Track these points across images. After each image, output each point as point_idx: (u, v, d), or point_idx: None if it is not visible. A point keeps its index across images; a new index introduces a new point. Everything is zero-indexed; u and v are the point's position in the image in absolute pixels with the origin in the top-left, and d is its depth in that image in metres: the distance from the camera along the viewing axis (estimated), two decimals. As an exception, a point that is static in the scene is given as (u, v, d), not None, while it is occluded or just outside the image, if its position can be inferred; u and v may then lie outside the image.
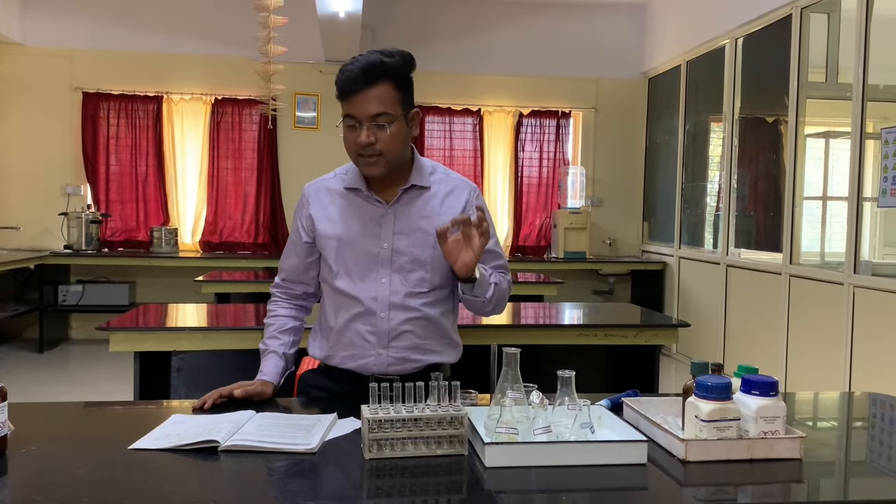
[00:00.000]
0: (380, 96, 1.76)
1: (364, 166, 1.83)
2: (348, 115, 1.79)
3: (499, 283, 1.92)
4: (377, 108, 1.76)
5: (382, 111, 1.77)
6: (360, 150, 1.80)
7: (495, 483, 1.32)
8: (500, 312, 2.01)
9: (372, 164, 1.82)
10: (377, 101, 1.76)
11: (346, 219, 1.91)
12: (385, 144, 1.79)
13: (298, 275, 2.01)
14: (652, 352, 3.14)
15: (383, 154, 1.80)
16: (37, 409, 1.87)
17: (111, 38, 6.77)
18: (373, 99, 1.76)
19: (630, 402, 1.65)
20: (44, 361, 6.09)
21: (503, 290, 1.95)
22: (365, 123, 1.77)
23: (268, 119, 6.41)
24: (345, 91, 1.78)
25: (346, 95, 1.78)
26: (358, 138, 1.78)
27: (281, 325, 2.00)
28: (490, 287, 1.88)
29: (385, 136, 1.78)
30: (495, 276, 1.93)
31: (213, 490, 1.30)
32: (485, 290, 1.86)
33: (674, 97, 6.72)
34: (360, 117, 1.77)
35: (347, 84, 1.77)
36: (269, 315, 2.03)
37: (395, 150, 1.82)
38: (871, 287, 4.08)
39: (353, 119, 1.79)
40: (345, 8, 5.68)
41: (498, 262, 1.99)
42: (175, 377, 3.00)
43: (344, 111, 1.80)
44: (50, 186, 6.77)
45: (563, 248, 6.97)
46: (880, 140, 4.05)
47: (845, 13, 4.59)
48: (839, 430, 1.86)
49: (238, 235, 6.99)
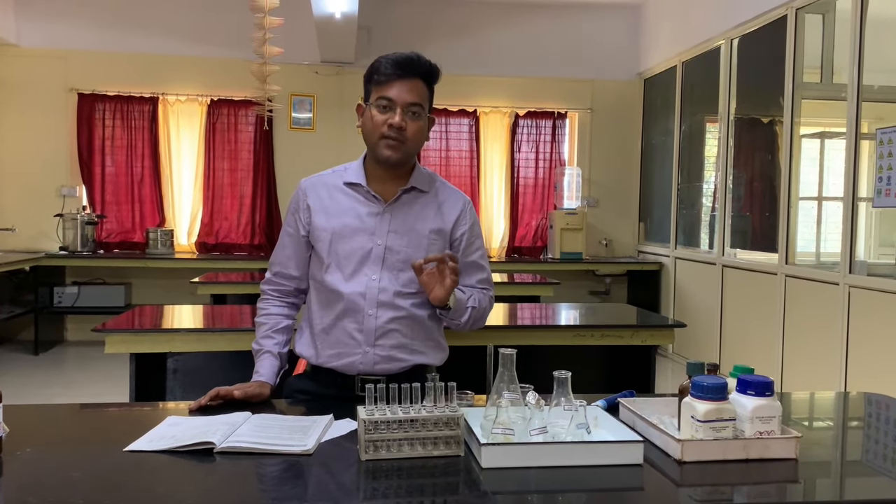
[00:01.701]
0: (417, 89, 1.87)
1: (385, 149, 1.87)
2: (383, 97, 1.85)
3: (476, 306, 1.97)
4: (415, 97, 1.86)
5: (418, 101, 1.86)
6: (387, 132, 1.84)
7: (492, 484, 1.32)
8: (479, 328, 2.05)
9: (394, 146, 1.86)
10: (415, 92, 1.86)
11: (342, 212, 1.92)
12: (412, 133, 1.87)
13: (292, 269, 2.01)
14: (648, 352, 3.14)
15: (406, 142, 1.86)
16: (32, 411, 1.87)
17: (106, 40, 6.76)
18: (412, 88, 1.86)
19: (626, 403, 1.65)
20: (39, 363, 6.07)
21: (482, 310, 2.00)
22: (401, 108, 1.84)
23: (263, 120, 6.40)
24: (388, 74, 1.84)
25: (388, 78, 1.84)
26: (391, 119, 1.84)
27: (274, 324, 2.00)
28: (466, 311, 1.94)
29: (414, 126, 1.87)
30: (473, 299, 1.96)
31: (209, 492, 1.30)
32: (460, 315, 1.93)
33: (669, 98, 6.73)
34: (398, 101, 1.84)
35: (393, 67, 1.84)
36: (261, 314, 2.03)
37: (416, 143, 1.89)
38: (866, 287, 4.09)
39: (388, 101, 1.84)
40: (341, 9, 5.67)
41: (481, 276, 2.03)
42: (171, 379, 3.00)
43: (377, 94, 1.86)
44: (45, 188, 6.75)
45: (560, 249, 6.98)
46: (875, 140, 4.06)
47: (840, 14, 4.60)
48: (835, 429, 1.86)
49: (234, 237, 6.98)
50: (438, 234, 1.94)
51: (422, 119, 1.88)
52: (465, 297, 1.94)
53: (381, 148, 1.87)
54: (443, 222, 1.96)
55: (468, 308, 1.94)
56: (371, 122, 1.87)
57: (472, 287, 2.01)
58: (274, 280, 2.04)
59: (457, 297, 1.89)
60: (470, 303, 1.94)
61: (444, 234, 1.95)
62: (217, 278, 4.87)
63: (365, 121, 1.90)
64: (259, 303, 2.07)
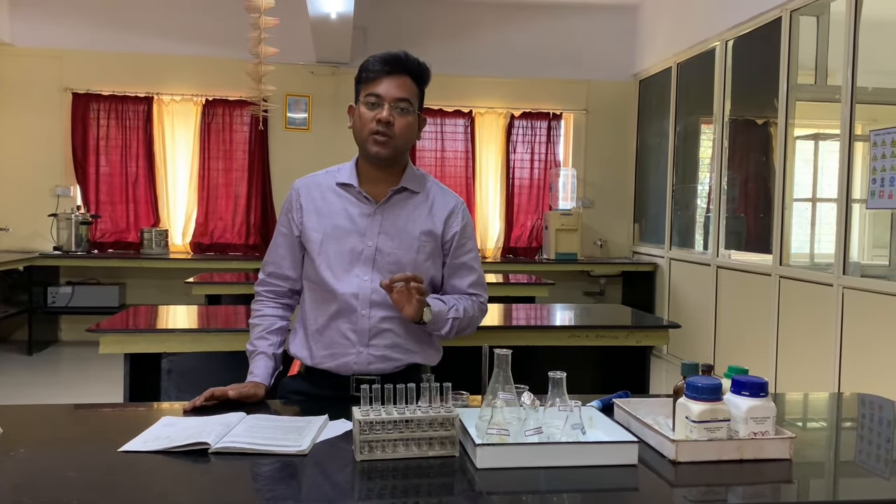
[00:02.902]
0: (406, 85, 1.88)
1: (373, 145, 1.87)
2: (371, 94, 1.86)
3: (460, 316, 1.92)
4: (402, 93, 1.86)
5: (406, 97, 1.87)
6: (376, 127, 1.85)
7: (487, 484, 1.32)
8: (469, 334, 2.02)
9: (383, 143, 1.86)
10: (403, 87, 1.87)
11: (333, 213, 1.92)
12: (400, 129, 1.87)
13: (286, 269, 2.00)
14: (643, 353, 3.15)
15: (395, 138, 1.87)
16: (26, 411, 1.86)
17: (101, 39, 6.74)
18: (400, 85, 1.87)
19: (621, 403, 1.66)
20: (33, 363, 6.05)
21: (468, 319, 1.96)
22: (388, 103, 1.85)
23: (259, 120, 6.40)
24: (374, 71, 1.86)
25: (375, 76, 1.86)
26: (379, 114, 1.84)
27: (269, 325, 1.99)
28: (447, 322, 1.90)
29: (402, 121, 1.87)
30: (455, 309, 1.92)
31: (204, 492, 1.29)
32: (440, 327, 1.90)
33: (664, 99, 6.74)
34: (386, 97, 1.85)
35: (380, 64, 1.86)
36: (256, 315, 2.02)
37: (405, 139, 1.89)
38: (859, 288, 4.10)
39: (376, 97, 1.86)
40: (336, 9, 5.67)
41: (472, 279, 2.00)
42: (165, 379, 2.99)
43: (366, 91, 1.87)
44: (39, 187, 6.73)
45: (555, 250, 6.99)
46: (869, 142, 4.07)
47: (834, 16, 4.62)
48: (828, 430, 1.87)
49: (229, 237, 6.97)
50: (429, 235, 1.93)
51: (410, 115, 1.88)
52: (446, 307, 1.90)
53: (370, 144, 1.87)
54: (433, 224, 1.94)
55: (449, 319, 1.90)
56: (360, 119, 1.88)
57: (462, 293, 1.98)
58: (268, 281, 2.03)
59: (434, 311, 1.85)
60: (451, 314, 1.90)
61: (434, 235, 1.94)
62: (212, 279, 4.87)
63: (355, 120, 1.91)
64: (253, 304, 2.06)
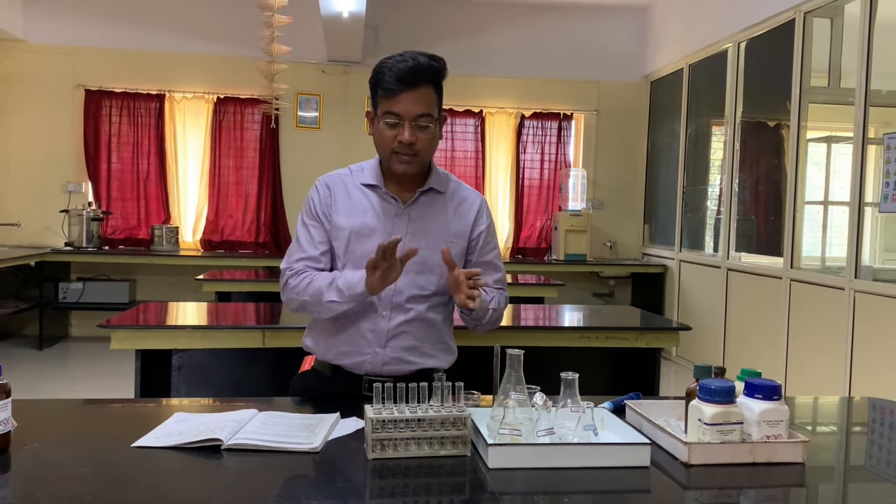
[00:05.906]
0: (424, 98, 1.79)
1: (398, 164, 1.83)
2: (390, 112, 1.79)
3: (497, 308, 1.94)
4: (422, 108, 1.79)
5: (426, 112, 1.80)
6: (398, 148, 1.80)
7: (498, 484, 1.32)
8: (492, 328, 2.01)
9: (407, 161, 1.82)
10: (422, 102, 1.79)
11: (361, 212, 1.89)
12: (423, 145, 1.82)
13: (316, 253, 1.89)
14: (652, 355, 3.14)
15: (419, 154, 1.82)
16: (38, 406, 1.87)
17: (114, 36, 6.77)
18: (419, 99, 1.78)
19: (633, 405, 1.65)
20: (43, 358, 6.08)
21: (500, 312, 1.99)
22: (409, 122, 1.78)
23: (270, 118, 6.41)
24: (392, 89, 1.77)
25: (392, 93, 1.77)
26: (400, 136, 1.79)
27: (326, 275, 1.87)
28: (487, 313, 1.91)
29: (425, 136, 1.82)
30: (495, 301, 1.94)
31: (216, 489, 1.30)
32: (481, 317, 1.90)
33: (675, 100, 6.72)
34: (405, 116, 1.78)
35: (396, 82, 1.77)
36: (305, 277, 1.85)
37: (430, 152, 1.86)
38: (871, 292, 4.08)
39: (395, 116, 1.78)
40: (348, 8, 5.68)
41: (497, 276, 2.00)
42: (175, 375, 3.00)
43: (384, 108, 1.80)
44: (51, 183, 6.76)
45: (564, 251, 6.98)
46: (882, 145, 4.05)
47: (848, 18, 4.60)
48: (839, 434, 1.86)
49: (239, 234, 6.98)
50: (458, 236, 1.93)
51: (432, 127, 1.82)
52: (489, 298, 1.91)
53: (394, 163, 1.84)
54: (461, 223, 1.93)
55: (489, 310, 1.91)
56: (380, 136, 1.83)
57: (490, 287, 1.98)
58: (295, 266, 1.90)
59: (482, 300, 1.81)
60: (492, 304, 1.92)
61: (462, 235, 1.94)
62: (221, 276, 4.89)
63: (375, 133, 1.85)
64: (291, 279, 1.88)
